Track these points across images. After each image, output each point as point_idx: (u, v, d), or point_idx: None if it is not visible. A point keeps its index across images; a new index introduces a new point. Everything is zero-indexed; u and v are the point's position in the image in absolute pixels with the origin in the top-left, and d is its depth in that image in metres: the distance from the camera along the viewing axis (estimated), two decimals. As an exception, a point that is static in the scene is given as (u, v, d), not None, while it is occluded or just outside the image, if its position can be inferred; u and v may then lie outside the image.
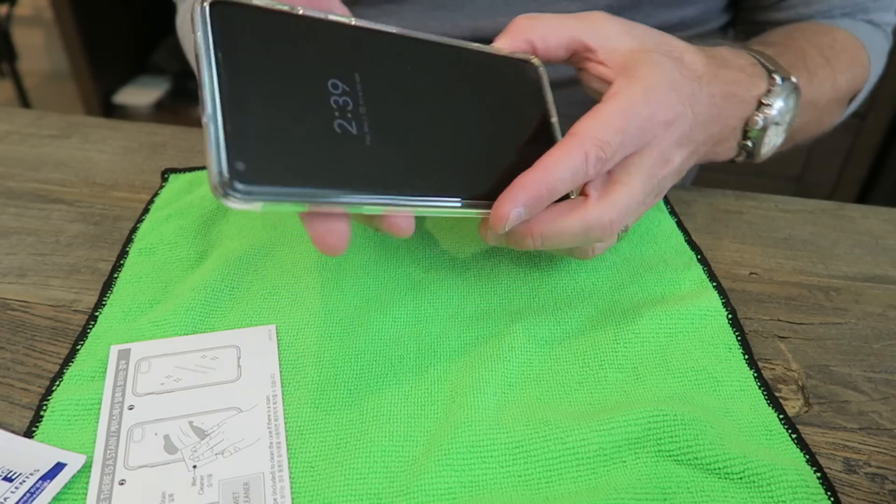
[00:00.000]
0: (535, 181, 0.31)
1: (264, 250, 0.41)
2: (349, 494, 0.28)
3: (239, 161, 0.26)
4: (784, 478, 0.29)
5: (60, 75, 2.19)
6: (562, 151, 0.32)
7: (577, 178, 0.33)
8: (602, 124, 0.32)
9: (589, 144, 0.32)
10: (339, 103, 0.29)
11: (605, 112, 0.33)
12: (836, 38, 0.52)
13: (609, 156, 0.33)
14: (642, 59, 0.35)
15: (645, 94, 0.34)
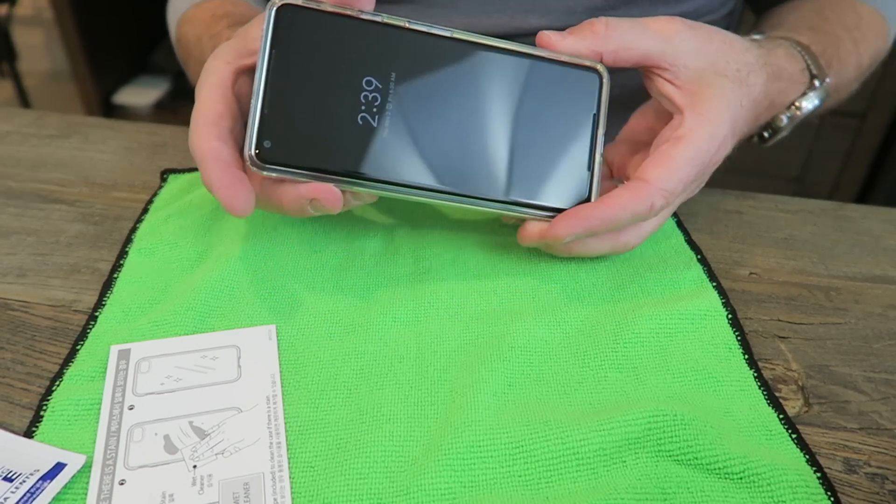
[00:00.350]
0: (597, 218, 0.35)
1: (264, 250, 0.41)
2: (349, 494, 0.28)
3: (266, 140, 0.33)
4: (784, 478, 0.29)
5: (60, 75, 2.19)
6: (631, 198, 0.35)
7: (637, 221, 0.36)
8: (671, 174, 0.35)
9: (657, 196, 0.35)
10: (367, 98, 0.35)
11: (675, 161, 0.35)
12: (861, 14, 0.54)
13: (672, 202, 0.36)
14: (710, 89, 0.37)
15: (710, 139, 0.36)
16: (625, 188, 0.36)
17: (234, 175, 0.33)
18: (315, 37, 0.34)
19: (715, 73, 0.37)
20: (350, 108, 0.34)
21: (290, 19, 0.34)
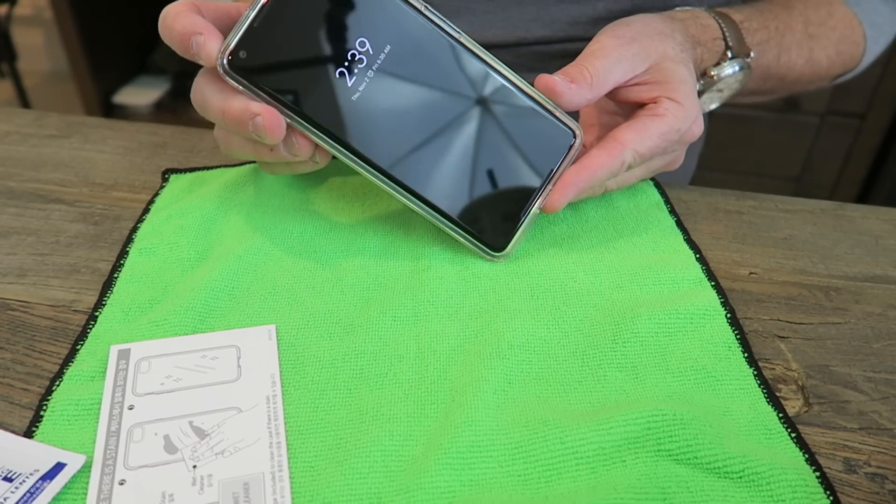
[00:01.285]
0: (582, 180, 0.38)
1: (264, 250, 0.41)
2: (349, 494, 0.28)
3: (243, 50, 0.34)
4: (783, 477, 0.29)
5: (60, 75, 2.19)
6: (606, 156, 0.38)
7: (612, 177, 0.40)
8: (644, 140, 0.39)
9: (628, 154, 0.39)
10: (354, 57, 0.35)
11: (649, 131, 0.39)
12: (832, 12, 0.55)
13: (640, 163, 0.40)
14: (674, 76, 0.40)
15: (684, 120, 0.40)
16: (600, 148, 0.39)
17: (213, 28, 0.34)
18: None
19: (669, 62, 0.40)
20: (335, 58, 0.35)
21: None
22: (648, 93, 0.40)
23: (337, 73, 0.35)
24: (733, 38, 0.47)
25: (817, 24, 0.53)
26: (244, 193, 0.46)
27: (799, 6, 0.53)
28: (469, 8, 0.54)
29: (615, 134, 0.39)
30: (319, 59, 0.35)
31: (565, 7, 0.53)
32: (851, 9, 0.55)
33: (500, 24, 0.54)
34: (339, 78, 0.35)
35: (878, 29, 0.57)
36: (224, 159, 0.51)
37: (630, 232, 0.43)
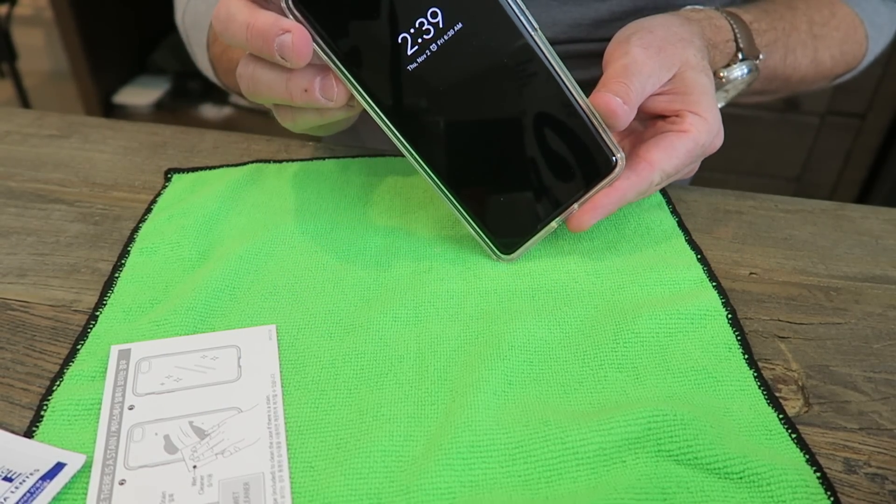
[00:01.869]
0: (613, 202, 0.38)
1: (264, 250, 0.41)
2: (349, 494, 0.28)
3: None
4: (784, 478, 0.29)
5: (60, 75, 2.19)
6: (636, 178, 0.38)
7: (639, 198, 0.40)
8: (671, 159, 0.39)
9: (657, 175, 0.39)
10: (421, 27, 0.33)
11: (677, 150, 0.39)
12: (835, 13, 0.54)
13: (666, 182, 0.40)
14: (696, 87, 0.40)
15: (708, 133, 0.39)
16: (630, 169, 0.38)
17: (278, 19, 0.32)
18: None
19: (691, 71, 0.40)
20: (402, 21, 0.33)
21: None
22: (670, 104, 0.40)
23: (399, 38, 0.33)
24: (744, 40, 0.47)
25: (821, 24, 0.53)
26: (246, 194, 0.46)
27: (802, 6, 0.53)
28: None
29: (643, 154, 0.39)
30: (386, 18, 0.33)
31: (567, 9, 0.53)
32: (853, 9, 0.55)
33: None
34: (401, 43, 0.34)
35: (879, 29, 0.57)
36: (226, 159, 0.51)
37: (631, 233, 0.43)
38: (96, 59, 1.75)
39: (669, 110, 0.40)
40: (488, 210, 0.38)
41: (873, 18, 0.56)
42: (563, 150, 0.37)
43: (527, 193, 0.38)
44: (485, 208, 0.38)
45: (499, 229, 0.39)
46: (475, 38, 0.34)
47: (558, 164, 0.38)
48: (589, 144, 0.37)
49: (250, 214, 0.44)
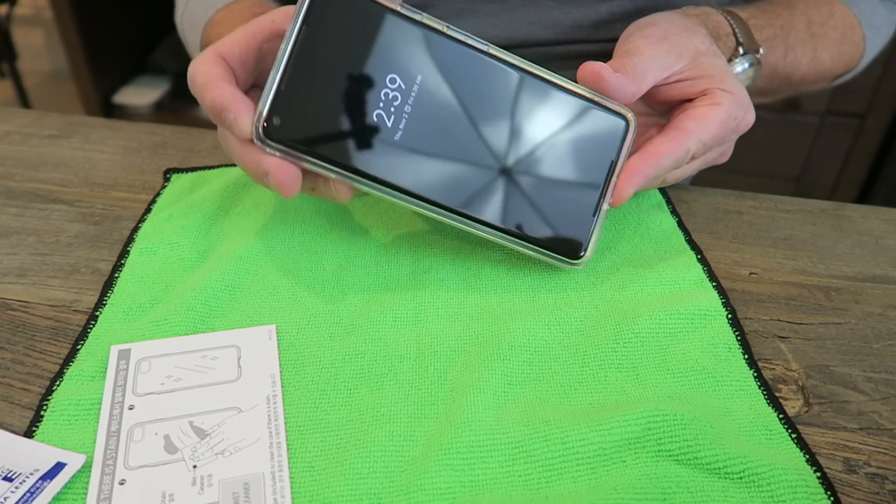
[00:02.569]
0: (649, 166, 0.37)
1: (265, 250, 0.41)
2: (349, 494, 0.28)
3: (276, 116, 0.32)
4: (784, 478, 0.29)
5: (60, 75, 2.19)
6: (670, 144, 0.37)
7: (676, 166, 0.39)
8: (706, 128, 0.38)
9: (692, 142, 0.38)
10: (388, 96, 0.34)
11: (710, 120, 0.38)
12: (833, 13, 0.55)
13: (702, 153, 0.39)
14: (716, 68, 0.40)
15: (739, 107, 0.39)
16: (663, 136, 0.38)
17: (244, 99, 0.33)
18: (349, 22, 0.33)
19: (705, 56, 0.40)
20: (368, 102, 0.34)
21: (325, 2, 0.33)
22: (693, 87, 0.39)
23: (374, 117, 0.34)
24: (743, 35, 0.47)
25: (819, 23, 0.53)
26: (245, 193, 0.46)
27: (801, 6, 0.53)
28: (472, 10, 0.54)
29: (677, 123, 0.38)
30: (353, 108, 0.33)
31: (568, 10, 0.53)
32: (851, 9, 0.55)
33: (504, 27, 0.54)
34: (378, 121, 0.34)
35: (876, 30, 0.57)
36: (225, 159, 0.51)
37: (631, 232, 0.43)
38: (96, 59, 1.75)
39: (695, 92, 0.39)
40: (538, 229, 0.37)
41: (871, 19, 0.56)
42: (574, 137, 0.36)
43: (565, 194, 0.37)
44: (534, 229, 0.37)
45: (557, 241, 0.37)
46: (439, 81, 0.34)
47: (578, 152, 0.37)
48: (594, 120, 0.36)
49: (250, 214, 0.44)
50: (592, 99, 0.36)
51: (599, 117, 0.37)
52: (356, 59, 0.33)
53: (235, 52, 0.34)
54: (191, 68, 0.34)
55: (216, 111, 0.33)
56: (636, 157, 0.37)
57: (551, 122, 0.36)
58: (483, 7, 0.54)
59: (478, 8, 0.54)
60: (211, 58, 0.34)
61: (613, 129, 0.37)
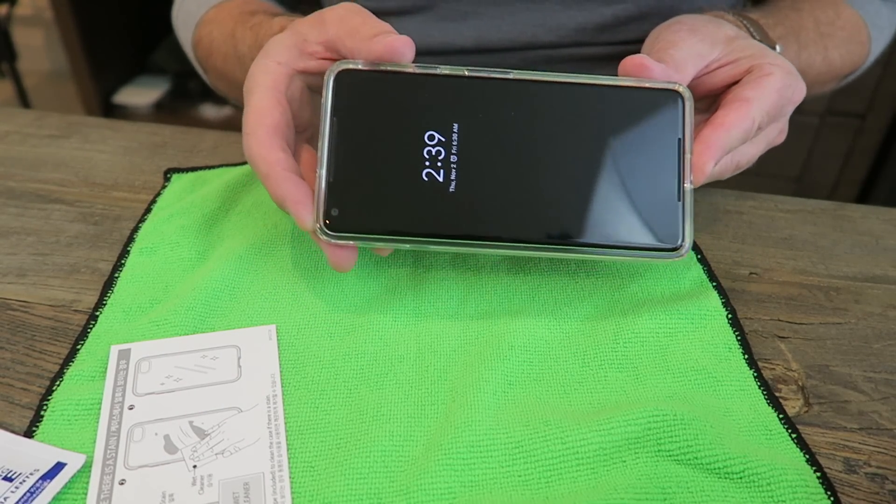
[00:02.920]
0: (720, 137, 0.35)
1: (264, 250, 0.41)
2: (349, 494, 0.28)
3: (334, 208, 0.33)
4: (784, 478, 0.29)
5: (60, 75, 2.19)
6: (735, 114, 0.36)
7: (745, 139, 0.37)
8: (765, 95, 0.37)
9: (756, 110, 0.36)
10: (431, 153, 0.34)
11: (766, 86, 0.37)
12: (839, 13, 0.54)
13: (767, 123, 0.38)
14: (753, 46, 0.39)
15: (789, 75, 0.38)
16: (725, 108, 0.36)
17: (304, 190, 0.34)
18: (374, 98, 0.34)
19: (739, 40, 0.39)
20: (414, 165, 0.34)
21: (349, 83, 0.34)
22: (736, 69, 0.38)
23: (425, 177, 0.34)
24: (758, 33, 0.47)
25: (827, 23, 0.53)
26: (245, 193, 0.46)
27: (807, 7, 0.53)
28: (477, 13, 0.54)
29: (734, 96, 0.37)
30: (402, 177, 0.34)
31: (572, 14, 0.53)
32: (857, 10, 0.55)
33: (508, 30, 0.54)
34: (429, 180, 0.34)
35: (881, 31, 0.57)
36: (226, 159, 0.51)
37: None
38: (96, 59, 1.75)
39: (739, 73, 0.38)
40: (629, 235, 0.34)
41: (875, 20, 0.56)
42: (632, 129, 0.35)
43: (642, 190, 0.35)
44: (625, 236, 0.34)
45: (649, 237, 0.35)
46: (475, 122, 0.34)
47: (640, 142, 0.35)
48: (646, 104, 0.35)
49: (250, 214, 0.44)
50: (636, 86, 0.35)
51: (650, 100, 0.35)
52: (391, 129, 0.34)
53: (279, 120, 0.35)
54: (249, 152, 0.35)
55: (278, 204, 0.34)
56: (705, 130, 0.35)
57: (602, 122, 0.35)
58: (487, 10, 0.54)
59: (481, 10, 0.54)
60: (266, 140, 0.34)
61: (669, 106, 0.35)
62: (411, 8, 0.55)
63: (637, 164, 0.35)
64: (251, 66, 0.37)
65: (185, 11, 0.60)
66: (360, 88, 0.34)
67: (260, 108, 0.35)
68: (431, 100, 0.34)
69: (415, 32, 0.56)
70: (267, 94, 0.35)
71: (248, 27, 0.50)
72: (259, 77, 0.36)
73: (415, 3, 0.54)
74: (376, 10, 0.57)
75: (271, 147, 0.34)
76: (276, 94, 0.36)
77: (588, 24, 0.53)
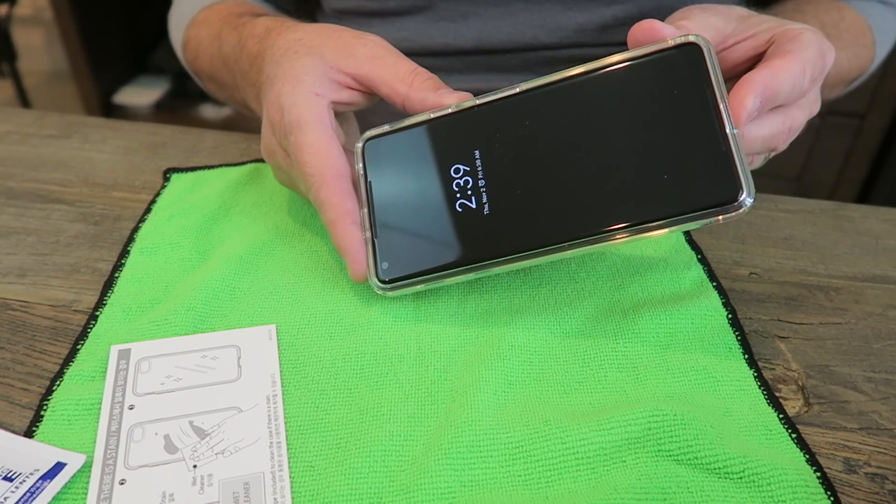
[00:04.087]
0: (765, 77, 0.32)
1: (264, 250, 0.41)
2: (349, 494, 0.28)
3: (384, 262, 0.36)
4: (784, 478, 0.29)
5: (60, 75, 2.19)
6: (787, 61, 0.33)
7: (795, 90, 0.34)
8: (806, 48, 0.34)
9: (806, 61, 0.33)
10: (460, 185, 0.35)
11: (803, 42, 0.34)
12: (843, 16, 0.54)
13: (818, 76, 0.35)
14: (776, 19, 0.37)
15: (816, 34, 0.35)
16: (773, 58, 0.33)
17: (362, 241, 0.36)
18: (401, 153, 0.37)
19: (755, 16, 0.37)
20: (448, 200, 0.35)
21: (377, 148, 0.37)
22: (757, 41, 0.36)
23: (459, 208, 0.35)
24: None
25: (832, 25, 0.53)
26: (245, 193, 0.46)
27: (810, 10, 0.53)
28: (477, 13, 0.54)
29: (777, 52, 0.34)
30: (439, 215, 0.35)
31: (572, 14, 0.53)
32: (860, 14, 0.55)
33: (508, 30, 0.54)
34: (464, 211, 0.35)
35: (885, 34, 0.57)
36: (226, 159, 0.51)
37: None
38: (96, 59, 1.75)
39: (762, 43, 0.35)
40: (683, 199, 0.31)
41: (879, 24, 0.56)
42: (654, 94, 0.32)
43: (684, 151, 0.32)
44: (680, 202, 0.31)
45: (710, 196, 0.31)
46: (495, 143, 0.35)
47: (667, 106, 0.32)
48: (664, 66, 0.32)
49: (250, 214, 0.44)
50: (649, 52, 0.32)
51: (668, 62, 0.32)
52: (420, 176, 0.36)
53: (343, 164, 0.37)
54: (318, 196, 0.36)
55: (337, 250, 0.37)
56: (748, 74, 0.32)
57: (623, 101, 0.33)
58: (487, 10, 0.54)
59: (481, 11, 0.54)
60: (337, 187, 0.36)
61: (690, 61, 0.32)
62: (411, 8, 0.55)
63: (672, 131, 0.32)
64: (281, 87, 0.38)
65: (178, 13, 0.60)
66: (387, 149, 0.37)
67: (319, 148, 0.36)
68: (450, 137, 0.36)
69: (415, 33, 0.56)
70: (321, 132, 0.36)
71: (233, 28, 0.50)
72: (302, 110, 0.37)
73: (414, 3, 0.54)
74: (377, 10, 0.57)
75: (343, 196, 0.36)
76: (328, 130, 0.37)
77: (588, 25, 0.53)
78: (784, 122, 0.35)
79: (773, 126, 0.35)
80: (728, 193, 0.31)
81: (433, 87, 0.37)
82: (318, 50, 0.38)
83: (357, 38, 0.38)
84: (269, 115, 0.38)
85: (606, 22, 0.53)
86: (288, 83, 0.38)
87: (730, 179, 0.31)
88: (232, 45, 0.48)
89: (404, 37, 0.56)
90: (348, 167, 0.37)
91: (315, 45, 0.38)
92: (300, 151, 0.36)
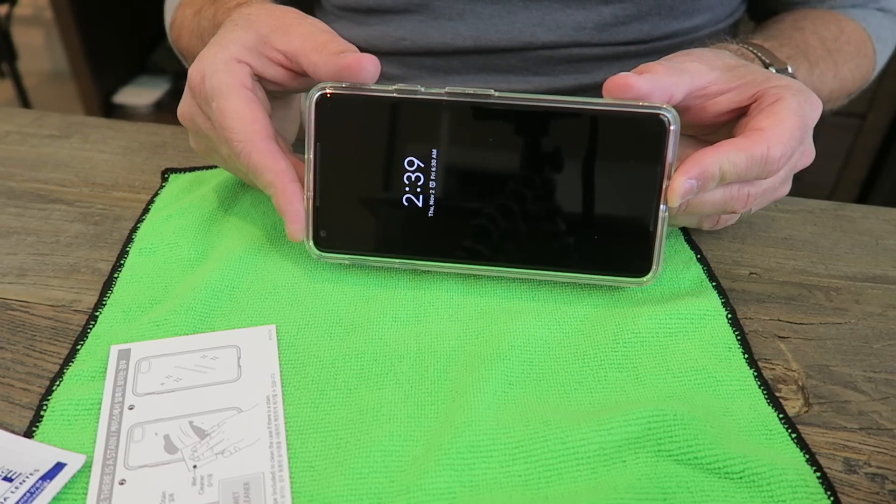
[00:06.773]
0: (709, 159, 0.32)
1: (264, 250, 0.41)
2: (349, 494, 0.28)
3: (322, 230, 0.37)
4: (784, 478, 0.29)
5: (60, 75, 2.19)
6: (746, 142, 0.33)
7: (751, 171, 0.33)
8: (782, 123, 0.34)
9: (773, 143, 0.33)
10: (411, 179, 0.35)
11: (780, 112, 0.34)
12: (843, 28, 0.54)
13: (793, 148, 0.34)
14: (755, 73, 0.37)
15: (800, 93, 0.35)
16: (740, 137, 0.34)
17: (302, 201, 0.36)
18: (356, 122, 0.35)
19: (739, 68, 0.37)
20: (396, 190, 0.36)
21: (330, 108, 0.35)
22: (741, 95, 0.36)
23: (405, 202, 0.36)
24: (767, 56, 0.45)
25: (832, 39, 0.53)
26: (244, 193, 0.46)
27: (809, 26, 0.53)
28: (474, 11, 0.54)
29: (752, 125, 0.34)
30: (385, 202, 0.36)
31: (571, 12, 0.53)
32: (860, 24, 0.55)
33: (506, 29, 0.54)
34: (409, 205, 0.36)
35: (885, 43, 0.57)
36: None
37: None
38: (96, 59, 1.75)
39: (745, 99, 0.36)
40: (600, 259, 0.36)
41: (879, 33, 0.56)
42: (611, 152, 0.34)
43: (618, 215, 0.35)
44: (596, 261, 0.36)
45: (621, 262, 0.36)
46: (454, 148, 0.35)
47: (619, 166, 0.34)
48: (628, 127, 0.33)
49: (249, 214, 0.44)
50: (620, 110, 0.33)
51: (633, 125, 0.33)
52: (373, 155, 0.36)
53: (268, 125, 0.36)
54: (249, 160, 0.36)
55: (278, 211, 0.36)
56: (699, 151, 0.33)
57: (583, 148, 0.34)
58: (485, 8, 0.54)
59: (479, 9, 0.54)
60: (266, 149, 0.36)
61: (652, 129, 0.33)
62: (409, 5, 0.55)
63: (616, 190, 0.35)
64: (204, 53, 0.37)
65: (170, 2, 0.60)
66: (341, 113, 0.35)
67: (243, 113, 0.36)
68: (411, 124, 0.35)
69: (413, 32, 0.56)
70: (242, 95, 0.36)
71: (212, 2, 0.49)
72: (223, 76, 0.36)
73: (411, 1, 0.54)
74: (374, 8, 0.57)
75: (276, 157, 0.35)
76: (249, 94, 0.36)
77: (587, 23, 0.53)
78: (740, 189, 0.36)
79: (727, 192, 0.35)
80: (639, 269, 0.36)
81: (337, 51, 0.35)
82: (256, 25, 0.38)
83: (299, 19, 0.38)
84: (191, 78, 0.38)
85: (605, 20, 0.53)
86: (212, 49, 0.37)
87: (646, 258, 0.35)
88: (209, 20, 0.48)
89: (402, 36, 0.56)
90: (273, 129, 0.36)
91: (255, 21, 0.38)
92: (224, 117, 0.36)
